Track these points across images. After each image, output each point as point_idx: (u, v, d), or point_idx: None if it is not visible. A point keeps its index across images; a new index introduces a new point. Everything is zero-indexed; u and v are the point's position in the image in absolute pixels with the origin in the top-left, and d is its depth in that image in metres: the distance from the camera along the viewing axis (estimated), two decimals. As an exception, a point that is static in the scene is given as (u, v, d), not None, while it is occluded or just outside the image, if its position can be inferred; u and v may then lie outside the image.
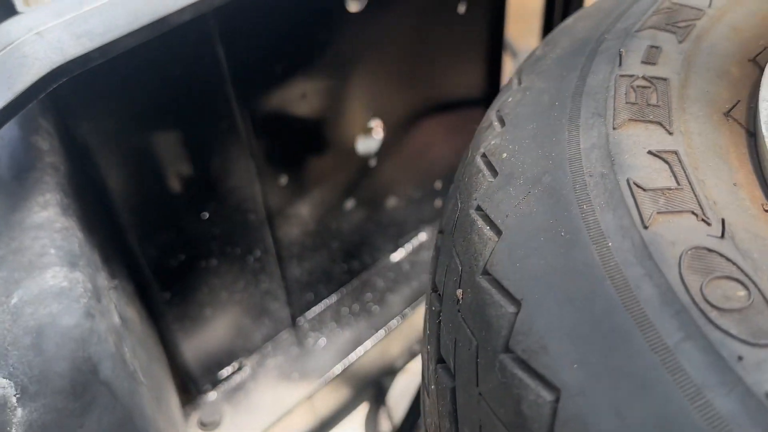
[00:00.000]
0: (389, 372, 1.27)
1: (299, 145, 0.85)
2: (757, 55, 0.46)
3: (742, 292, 0.29)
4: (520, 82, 0.48)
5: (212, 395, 0.94)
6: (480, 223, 0.39)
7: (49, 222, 0.51)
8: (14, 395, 0.44)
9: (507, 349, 0.32)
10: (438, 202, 1.16)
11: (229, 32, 0.68)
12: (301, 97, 0.81)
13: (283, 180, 0.87)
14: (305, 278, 1.00)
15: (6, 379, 0.44)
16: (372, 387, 1.26)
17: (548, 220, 0.35)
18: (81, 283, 0.48)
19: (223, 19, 0.66)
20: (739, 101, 0.41)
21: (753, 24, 0.48)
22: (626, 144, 0.37)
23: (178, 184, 0.74)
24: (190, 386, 0.92)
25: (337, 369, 1.00)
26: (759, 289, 0.29)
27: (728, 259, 0.30)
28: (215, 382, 0.95)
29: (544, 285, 0.33)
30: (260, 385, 0.96)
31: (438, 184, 1.13)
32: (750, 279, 0.29)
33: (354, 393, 1.20)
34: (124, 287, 0.68)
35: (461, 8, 0.95)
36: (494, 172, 0.41)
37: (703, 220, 0.32)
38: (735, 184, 0.36)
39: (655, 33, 0.46)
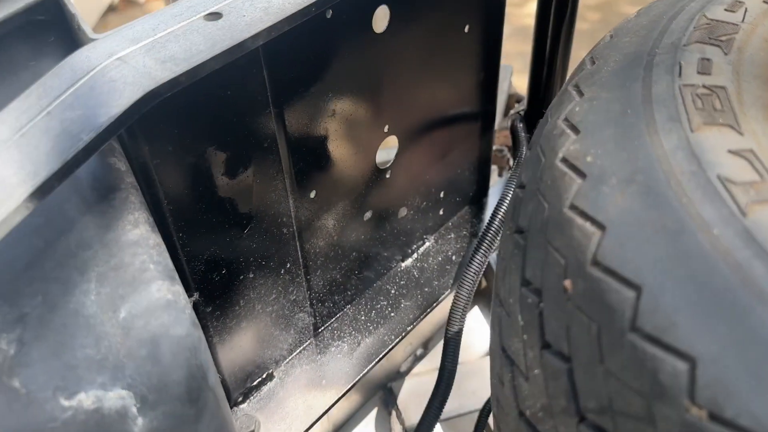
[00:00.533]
0: (395, 375, 1.31)
1: (327, 160, 0.89)
2: (791, 63, 0.52)
3: None
4: (582, 93, 0.53)
5: (244, 405, 0.96)
6: (579, 220, 0.43)
7: (144, 239, 0.53)
8: (134, 405, 0.46)
9: (634, 329, 0.36)
10: (441, 211, 1.21)
11: (273, 56, 0.71)
12: (330, 115, 0.84)
13: (312, 194, 0.90)
14: (327, 289, 1.03)
15: (125, 390, 0.46)
16: (381, 391, 1.29)
17: (650, 213, 0.40)
18: (182, 296, 0.51)
19: (268, 42, 0.70)
20: (789, 105, 0.47)
21: (780, 36, 0.54)
22: (707, 145, 0.43)
23: (224, 201, 0.76)
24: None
25: (362, 374, 1.03)
26: None
27: (824, 240, 0.36)
28: (247, 393, 0.96)
29: (661, 269, 0.37)
30: (290, 393, 0.98)
31: (441, 194, 1.18)
32: None
33: (365, 397, 1.23)
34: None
35: (466, 28, 1.01)
36: (581, 174, 0.45)
37: (793, 207, 0.38)
38: (806, 177, 0.41)
39: (702, 47, 0.52)
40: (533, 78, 1.24)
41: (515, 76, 1.75)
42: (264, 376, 0.99)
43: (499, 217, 1.08)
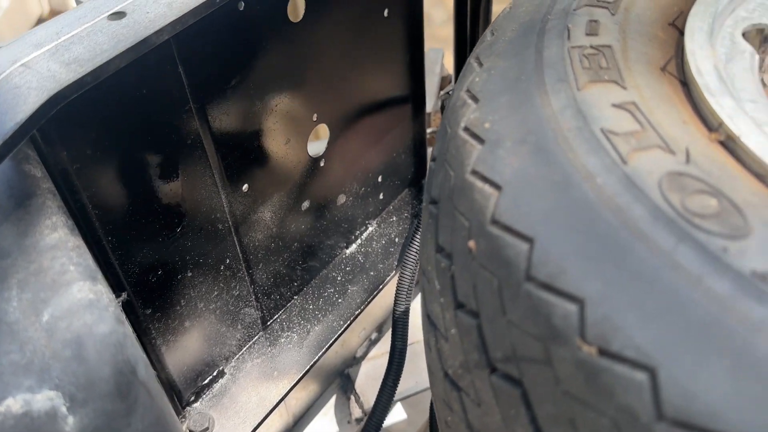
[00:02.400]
0: (352, 361, 1.32)
1: (257, 152, 0.89)
2: (675, 19, 0.55)
3: (714, 201, 0.37)
4: (481, 64, 0.55)
5: (197, 404, 0.96)
6: (479, 183, 0.45)
7: (63, 242, 0.53)
8: (64, 405, 0.46)
9: (529, 278, 0.38)
10: (381, 196, 1.23)
11: (188, 52, 0.71)
12: (255, 107, 0.85)
13: (245, 188, 0.90)
14: (272, 281, 1.03)
15: (53, 390, 0.46)
16: (338, 377, 1.31)
17: (541, 170, 0.42)
18: (105, 294, 0.51)
19: (181, 39, 0.70)
20: (671, 57, 0.50)
21: (665, -5, 0.57)
22: (591, 101, 0.45)
23: (152, 202, 0.76)
24: (175, 398, 0.94)
25: (312, 362, 1.04)
26: (727, 198, 0.37)
27: (696, 179, 0.38)
28: (199, 392, 0.97)
29: (550, 221, 0.39)
30: (242, 388, 0.99)
31: (379, 179, 1.20)
32: (718, 191, 0.37)
33: (322, 385, 1.24)
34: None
35: (386, 12, 1.02)
36: (480, 140, 0.47)
37: (669, 152, 0.40)
38: (684, 122, 0.44)
39: (590, 9, 0.54)
40: (458, 58, 1.26)
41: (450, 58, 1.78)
42: (215, 373, 0.99)
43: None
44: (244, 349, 1.03)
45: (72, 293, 0.50)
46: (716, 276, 0.33)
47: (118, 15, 0.59)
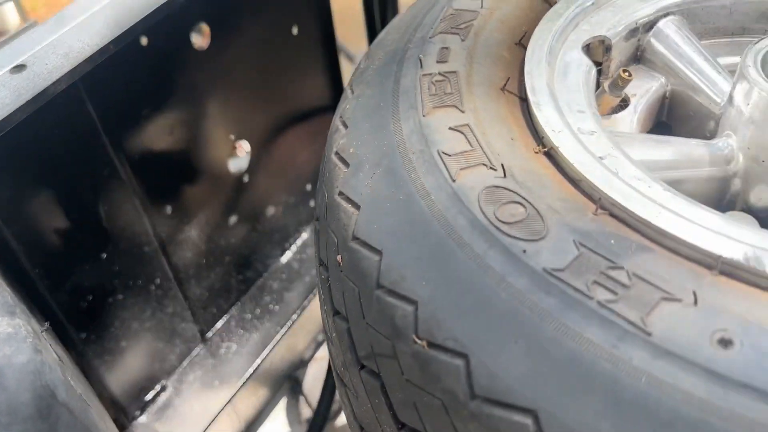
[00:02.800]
0: (300, 364, 1.38)
1: (177, 176, 0.94)
2: (521, 38, 0.62)
3: (521, 209, 0.43)
4: (353, 92, 0.61)
5: (142, 419, 1.01)
6: (344, 203, 0.51)
7: (-21, 283, 0.58)
8: (-12, 431, 0.51)
9: (379, 286, 0.45)
10: (312, 203, 1.28)
11: (95, 90, 0.76)
12: (169, 132, 0.90)
13: (168, 209, 0.95)
14: (206, 295, 1.09)
15: (-23, 419, 0.51)
16: (287, 381, 1.36)
17: (390, 190, 0.48)
18: (23, 327, 0.56)
19: (87, 80, 0.74)
20: (509, 77, 0.57)
21: (515, 15, 0.64)
22: (433, 125, 0.51)
23: (76, 232, 0.81)
24: (120, 415, 0.98)
25: (252, 369, 1.09)
26: (533, 206, 0.44)
27: (510, 190, 0.45)
28: (143, 407, 1.02)
29: (394, 235, 0.46)
30: (185, 399, 1.04)
31: (308, 187, 1.25)
32: (526, 200, 0.44)
33: (271, 390, 1.30)
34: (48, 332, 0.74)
35: (294, 30, 1.08)
36: (346, 164, 0.54)
37: (491, 168, 0.47)
38: (512, 138, 0.51)
39: (444, 36, 0.61)
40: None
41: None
42: (158, 388, 1.04)
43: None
44: (185, 362, 1.08)
45: (-10, 329, 0.55)
46: (516, 274, 0.40)
47: (20, 68, 0.64)
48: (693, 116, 0.66)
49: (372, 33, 1.26)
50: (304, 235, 1.28)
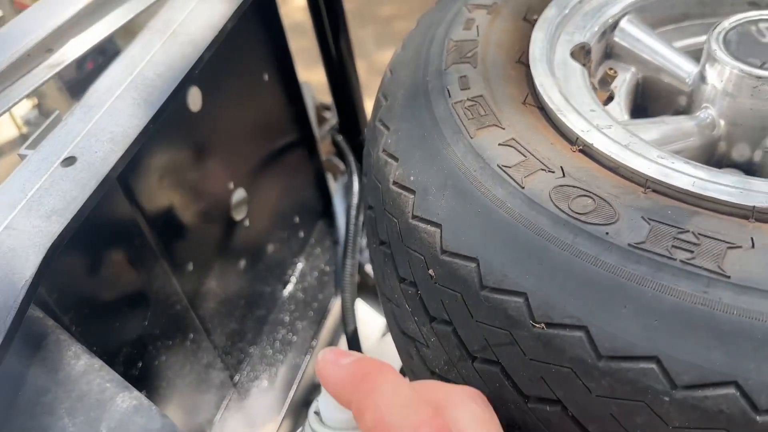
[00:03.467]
0: (314, 388, 1.43)
1: (191, 232, 0.99)
2: (520, 57, 0.71)
3: (590, 201, 0.53)
4: (388, 128, 0.69)
5: (197, 470, 1.04)
6: (422, 225, 0.59)
7: (90, 365, 0.61)
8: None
9: (483, 287, 0.53)
10: (301, 234, 1.35)
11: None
12: (181, 193, 0.94)
13: (190, 267, 0.99)
14: (230, 341, 1.13)
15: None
16: (304, 409, 1.41)
17: (465, 206, 0.57)
18: (144, 398, 0.61)
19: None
20: (527, 92, 0.66)
21: (507, 38, 0.74)
22: (484, 144, 0.60)
23: (121, 306, 0.84)
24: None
25: (288, 400, 1.15)
26: (597, 196, 0.53)
27: (574, 186, 0.54)
28: (196, 458, 1.05)
29: (485, 242, 0.54)
30: (234, 442, 1.08)
31: (296, 219, 1.31)
32: (590, 192, 0.53)
33: (293, 420, 1.34)
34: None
35: (265, 76, 1.14)
36: (410, 191, 0.61)
37: (550, 171, 0.56)
38: (552, 144, 0.60)
39: (458, 66, 0.69)
40: (334, 90, 1.40)
41: (306, 70, 1.91)
42: (205, 437, 1.07)
43: (351, 224, 1.24)
44: (222, 409, 1.12)
45: (118, 405, 0.59)
46: (607, 253, 0.49)
47: (70, 160, 0.68)
48: (664, 95, 0.78)
49: (329, 60, 1.34)
50: (301, 265, 1.34)
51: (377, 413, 0.42)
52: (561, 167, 0.56)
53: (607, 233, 0.50)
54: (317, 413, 0.50)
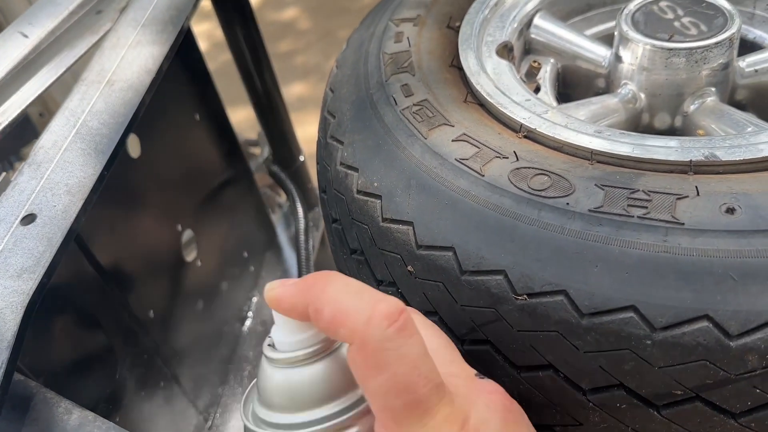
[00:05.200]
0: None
1: (146, 279, 0.98)
2: (452, 61, 0.76)
3: (546, 178, 0.57)
4: (341, 143, 0.71)
5: None
6: (394, 226, 0.62)
7: (84, 417, 0.60)
8: None
9: (463, 272, 0.56)
10: (251, 267, 1.35)
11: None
12: (131, 240, 0.94)
13: (151, 313, 0.98)
14: (199, 384, 1.12)
15: None
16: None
17: (432, 200, 0.60)
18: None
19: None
20: (467, 92, 0.71)
21: (436, 45, 0.78)
22: (438, 142, 0.64)
23: (91, 362, 0.83)
24: None
25: None
26: (551, 172, 0.58)
27: (528, 168, 0.59)
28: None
29: (458, 230, 0.57)
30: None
31: (245, 254, 1.32)
32: (544, 170, 0.58)
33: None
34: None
35: (197, 116, 1.15)
36: (377, 197, 0.64)
37: (504, 158, 0.60)
38: (499, 134, 0.64)
39: (397, 76, 0.73)
40: (264, 122, 1.42)
41: (233, 111, 1.93)
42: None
43: (302, 249, 1.26)
44: (201, 452, 1.11)
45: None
46: (570, 221, 0.54)
47: (30, 218, 0.67)
48: (584, 80, 0.85)
49: (258, 103, 1.36)
50: (255, 299, 1.34)
51: (333, 305, 0.43)
52: (514, 152, 0.61)
53: (567, 204, 0.55)
54: (271, 345, 0.48)
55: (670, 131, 0.76)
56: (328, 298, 0.44)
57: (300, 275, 1.27)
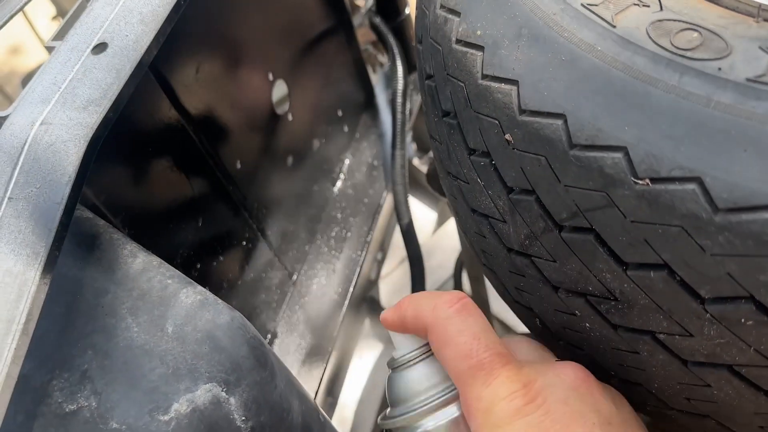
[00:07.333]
0: (369, 285, 1.41)
1: (235, 129, 0.93)
2: None
3: (696, 34, 0.45)
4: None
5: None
6: (495, 84, 0.52)
7: (148, 263, 0.58)
8: (222, 390, 0.54)
9: (573, 146, 0.47)
10: (346, 128, 1.28)
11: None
12: (222, 87, 0.89)
13: (239, 165, 0.95)
14: (285, 240, 1.10)
15: (208, 383, 0.53)
16: (364, 303, 1.40)
17: (546, 55, 0.49)
18: (208, 292, 0.57)
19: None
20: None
21: None
22: (562, -16, 0.52)
23: (171, 206, 0.81)
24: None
25: (349, 293, 1.12)
26: (703, 28, 0.45)
27: (675, 20, 0.46)
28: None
29: (574, 94, 0.47)
30: (291, 343, 1.07)
31: (339, 113, 1.25)
32: (694, 24, 0.46)
33: (353, 317, 1.33)
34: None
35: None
36: (479, 48, 0.54)
37: (644, 6, 0.48)
38: (641, -23, 0.51)
39: None
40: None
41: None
42: (268, 337, 1.07)
43: (398, 113, 1.17)
44: (284, 307, 1.11)
45: (182, 301, 0.56)
46: (720, 91, 0.42)
47: (101, 47, 0.62)
48: None
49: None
50: (348, 161, 1.29)
51: (413, 307, 0.55)
52: (657, 0, 0.48)
53: (719, 69, 0.43)
54: (392, 360, 0.58)
55: None
56: (409, 305, 0.55)
57: (394, 140, 1.19)
